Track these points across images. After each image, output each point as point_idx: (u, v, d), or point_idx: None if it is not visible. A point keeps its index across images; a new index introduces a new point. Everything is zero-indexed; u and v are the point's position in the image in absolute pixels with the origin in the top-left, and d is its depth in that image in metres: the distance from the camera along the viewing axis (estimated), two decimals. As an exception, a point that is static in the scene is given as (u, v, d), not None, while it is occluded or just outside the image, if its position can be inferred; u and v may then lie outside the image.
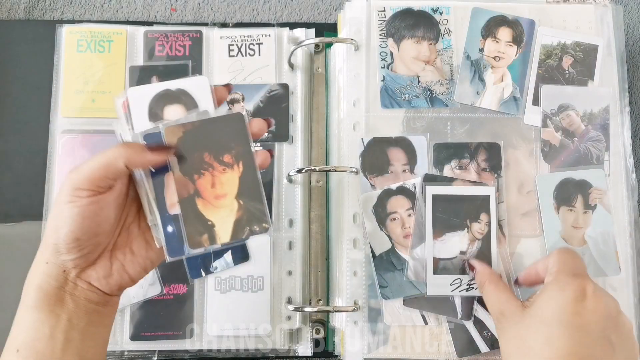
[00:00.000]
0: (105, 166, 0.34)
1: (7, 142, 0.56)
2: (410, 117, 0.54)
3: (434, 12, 0.56)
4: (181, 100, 0.39)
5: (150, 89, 0.39)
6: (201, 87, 0.39)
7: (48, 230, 0.35)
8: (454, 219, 0.51)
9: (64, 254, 0.34)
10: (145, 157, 0.36)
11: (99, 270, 0.36)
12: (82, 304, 0.35)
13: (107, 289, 0.36)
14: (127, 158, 0.35)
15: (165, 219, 0.37)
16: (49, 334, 0.34)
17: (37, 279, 0.35)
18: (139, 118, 0.39)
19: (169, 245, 0.37)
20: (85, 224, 0.34)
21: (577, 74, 0.56)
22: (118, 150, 0.35)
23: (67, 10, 0.62)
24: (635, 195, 0.54)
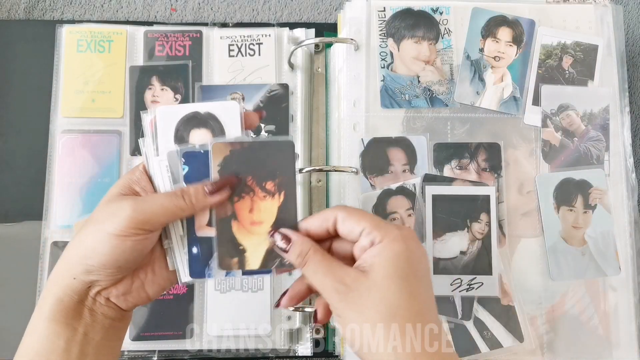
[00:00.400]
0: (170, 215, 0.35)
1: (7, 142, 0.56)
2: (410, 117, 0.54)
3: (434, 12, 0.56)
4: (209, 125, 0.38)
5: (179, 110, 0.38)
6: (231, 112, 0.39)
7: (83, 250, 0.35)
8: (454, 219, 0.51)
9: (96, 275, 0.35)
10: (207, 202, 0.36)
11: (119, 288, 0.36)
12: (99, 319, 0.36)
13: (124, 306, 0.37)
14: (192, 209, 0.36)
15: (192, 240, 0.37)
16: (64, 347, 0.34)
17: (59, 291, 0.35)
18: (164, 138, 0.38)
19: (191, 266, 0.37)
20: (131, 257, 0.35)
21: (577, 74, 0.56)
22: (182, 200, 0.36)
23: (67, 10, 0.62)
24: (635, 195, 0.54)
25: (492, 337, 0.50)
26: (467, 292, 0.50)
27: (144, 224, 0.34)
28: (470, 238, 0.51)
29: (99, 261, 0.34)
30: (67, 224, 0.54)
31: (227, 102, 0.39)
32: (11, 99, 0.57)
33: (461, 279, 0.50)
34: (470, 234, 0.52)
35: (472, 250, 0.51)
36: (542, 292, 0.52)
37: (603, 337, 0.52)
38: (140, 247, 0.35)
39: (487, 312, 0.51)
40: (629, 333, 0.52)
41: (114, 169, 0.55)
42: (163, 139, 0.38)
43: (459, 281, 0.50)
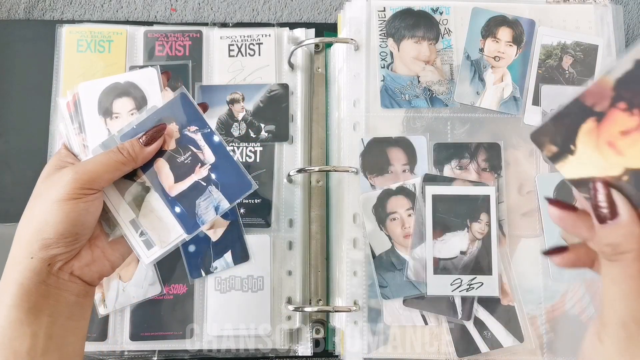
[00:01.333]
0: (113, 170, 0.36)
1: (7, 142, 0.56)
2: (410, 117, 0.54)
3: (434, 12, 0.56)
4: (130, 93, 0.41)
5: (100, 84, 0.41)
6: (150, 79, 0.41)
7: (35, 226, 0.35)
8: (454, 219, 0.51)
9: (55, 248, 0.34)
10: (145, 152, 0.38)
11: (81, 260, 0.36)
12: (64, 297, 0.35)
13: (89, 278, 0.37)
14: (133, 160, 0.37)
15: (170, 202, 0.39)
16: (29, 332, 0.33)
17: (17, 275, 0.34)
18: (89, 113, 0.40)
19: (183, 224, 0.39)
20: (86, 220, 0.35)
21: (577, 74, 0.56)
22: (121, 155, 0.37)
23: (67, 10, 0.62)
24: (635, 195, 0.54)
25: (492, 337, 0.50)
26: (467, 292, 0.50)
27: (89, 182, 0.35)
28: (470, 238, 0.51)
29: (56, 231, 0.34)
30: (67, 224, 0.54)
31: (145, 69, 0.41)
32: (11, 99, 0.57)
33: (461, 279, 0.50)
34: (471, 234, 0.51)
35: (472, 250, 0.51)
36: (542, 292, 0.52)
37: (603, 337, 0.52)
38: (93, 208, 0.36)
39: (487, 312, 0.51)
40: (629, 333, 0.52)
41: (114, 169, 0.55)
42: (88, 114, 0.40)
43: (459, 281, 0.50)
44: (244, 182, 0.39)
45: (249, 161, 0.55)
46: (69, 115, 0.41)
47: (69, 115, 0.41)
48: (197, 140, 0.39)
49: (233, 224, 0.53)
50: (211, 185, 0.39)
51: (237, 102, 0.56)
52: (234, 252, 0.53)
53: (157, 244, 0.39)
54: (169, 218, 0.39)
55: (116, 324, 0.52)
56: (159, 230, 0.39)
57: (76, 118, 0.41)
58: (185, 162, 0.39)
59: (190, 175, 0.39)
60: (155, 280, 0.53)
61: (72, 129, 0.40)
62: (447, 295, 0.51)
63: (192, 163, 0.39)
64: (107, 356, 0.52)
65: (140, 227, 0.39)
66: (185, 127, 0.40)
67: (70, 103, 0.41)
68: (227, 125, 0.56)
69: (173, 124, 0.39)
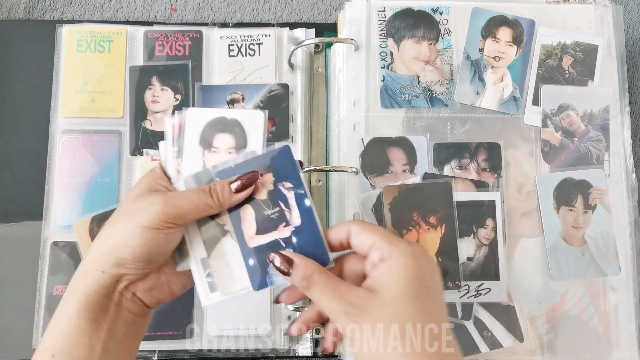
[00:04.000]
0: (199, 210, 0.36)
1: (7, 142, 0.56)
2: (410, 117, 0.54)
3: (434, 12, 0.56)
4: (233, 130, 0.40)
5: (208, 113, 0.40)
6: (256, 121, 0.40)
7: (114, 243, 0.35)
8: (460, 225, 0.51)
9: (126, 268, 0.35)
10: (233, 199, 0.37)
11: (146, 283, 0.37)
12: (124, 315, 0.36)
13: (149, 302, 0.37)
14: (220, 206, 0.37)
15: (245, 252, 0.38)
16: (88, 343, 0.34)
17: (85, 286, 0.35)
18: (190, 140, 0.40)
19: (252, 278, 0.38)
20: (162, 249, 0.36)
21: (577, 74, 0.56)
22: (211, 198, 0.37)
23: (67, 10, 0.62)
24: (635, 195, 0.54)
25: (492, 337, 0.50)
26: (475, 298, 0.50)
27: (175, 218, 0.35)
28: (476, 244, 0.51)
29: (131, 253, 0.35)
30: (67, 224, 0.54)
31: (254, 111, 0.41)
32: (11, 99, 0.57)
33: (469, 285, 0.50)
34: (477, 239, 0.51)
35: (478, 256, 0.51)
36: (542, 292, 0.52)
37: (603, 337, 0.52)
38: (171, 240, 0.36)
39: (487, 312, 0.51)
40: (629, 333, 0.52)
41: (114, 169, 0.55)
42: (189, 141, 0.40)
43: (466, 287, 0.50)
44: (323, 256, 0.37)
45: (249, 161, 0.55)
46: (172, 138, 0.40)
47: (172, 137, 0.40)
48: (288, 198, 0.38)
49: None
50: (290, 248, 0.37)
51: (237, 102, 0.56)
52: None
53: (220, 290, 0.38)
54: (239, 268, 0.38)
55: (116, 324, 0.52)
56: (225, 277, 0.38)
57: (177, 142, 0.40)
58: (271, 217, 0.38)
59: (272, 232, 0.38)
60: (155, 280, 0.53)
61: (171, 151, 0.40)
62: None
63: (277, 220, 0.38)
64: (107, 356, 0.52)
65: (209, 268, 0.38)
66: (280, 181, 0.38)
67: (176, 125, 0.40)
68: (227, 125, 0.56)
69: (270, 175, 0.38)
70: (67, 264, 0.53)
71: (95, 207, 0.54)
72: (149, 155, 0.55)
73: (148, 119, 0.56)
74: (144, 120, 0.56)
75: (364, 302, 0.33)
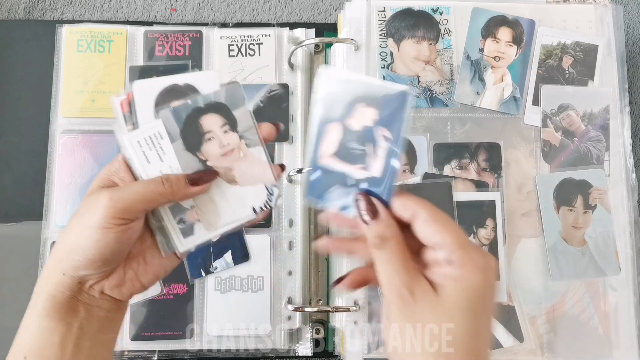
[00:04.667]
0: (149, 201, 0.35)
1: (7, 142, 0.56)
2: (410, 117, 0.54)
3: (434, 12, 0.56)
4: (189, 96, 0.37)
5: (157, 83, 0.38)
6: (210, 82, 0.38)
7: (69, 245, 0.34)
8: (460, 225, 0.51)
9: (84, 270, 0.34)
10: (188, 192, 0.36)
11: (112, 280, 0.36)
12: (94, 312, 0.35)
13: (119, 297, 0.37)
14: (172, 196, 0.35)
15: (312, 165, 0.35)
16: (59, 342, 0.33)
17: (50, 288, 0.34)
18: (143, 114, 0.37)
19: (312, 188, 0.35)
20: (116, 248, 0.34)
21: (577, 74, 0.56)
22: (162, 186, 0.35)
23: (67, 10, 0.62)
24: (635, 195, 0.54)
25: (492, 337, 0.50)
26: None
27: (123, 212, 0.33)
28: (477, 244, 0.51)
29: (85, 256, 0.33)
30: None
31: (206, 72, 0.38)
32: (11, 99, 0.57)
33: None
34: (477, 239, 0.51)
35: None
36: (542, 292, 0.52)
37: (603, 337, 0.52)
38: (125, 237, 0.34)
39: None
40: (629, 333, 0.52)
41: (114, 169, 0.55)
42: (142, 115, 0.37)
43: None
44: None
45: (249, 161, 0.55)
46: (123, 116, 0.37)
47: (123, 115, 0.37)
48: (379, 146, 0.34)
49: (233, 224, 0.53)
50: (357, 188, 0.35)
51: (237, 102, 0.56)
52: (234, 252, 0.53)
53: (205, 227, 0.37)
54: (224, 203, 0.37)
55: (116, 324, 0.52)
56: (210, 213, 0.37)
57: (130, 120, 0.37)
58: (353, 150, 0.34)
59: (347, 164, 0.35)
60: (155, 280, 0.53)
61: (126, 129, 0.37)
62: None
63: (358, 157, 0.34)
64: (107, 356, 0.52)
65: (183, 213, 0.36)
66: (381, 124, 0.34)
67: (124, 103, 0.37)
68: (227, 125, 0.55)
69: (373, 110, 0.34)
70: (67, 264, 0.53)
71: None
72: (149, 155, 0.55)
73: (148, 119, 0.56)
74: (144, 120, 0.56)
75: (423, 296, 0.31)
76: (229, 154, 0.37)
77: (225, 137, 0.37)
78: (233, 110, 0.37)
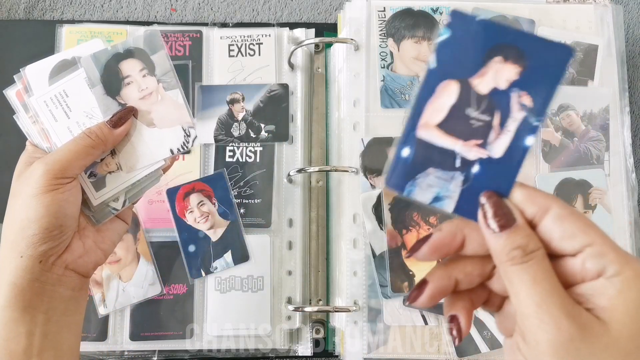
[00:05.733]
0: (83, 156, 0.36)
1: (7, 142, 0.56)
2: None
3: (434, 12, 0.56)
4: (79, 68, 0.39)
5: (46, 63, 0.39)
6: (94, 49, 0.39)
7: (18, 224, 0.34)
8: None
9: (42, 244, 0.34)
10: (115, 134, 0.37)
11: (73, 252, 0.36)
12: (58, 293, 0.35)
13: (84, 270, 0.37)
14: (103, 145, 0.36)
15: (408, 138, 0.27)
16: (25, 331, 0.33)
17: (9, 275, 0.33)
18: (42, 96, 0.39)
19: (395, 170, 0.27)
20: (68, 209, 0.35)
21: (577, 74, 0.56)
22: (89, 139, 0.36)
23: (67, 10, 0.62)
24: (635, 195, 0.54)
25: (492, 337, 0.50)
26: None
27: (61, 172, 0.34)
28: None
29: (39, 226, 0.33)
30: (67, 224, 0.53)
31: (91, 42, 0.40)
32: (11, 99, 0.57)
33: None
34: None
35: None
36: (542, 292, 0.52)
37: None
38: (72, 198, 0.35)
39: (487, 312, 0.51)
40: (629, 333, 0.52)
41: (114, 169, 0.55)
42: (41, 96, 0.39)
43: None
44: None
45: (249, 161, 0.55)
46: (22, 105, 0.39)
47: (22, 105, 0.39)
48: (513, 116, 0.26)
49: (233, 223, 0.54)
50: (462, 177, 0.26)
51: (237, 102, 0.56)
52: (234, 252, 0.53)
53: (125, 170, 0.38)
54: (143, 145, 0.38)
55: (116, 324, 0.52)
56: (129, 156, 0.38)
57: (29, 108, 0.39)
58: (471, 121, 0.26)
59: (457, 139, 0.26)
60: (155, 280, 0.53)
61: (28, 119, 0.39)
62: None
63: (475, 131, 0.26)
64: (107, 356, 0.52)
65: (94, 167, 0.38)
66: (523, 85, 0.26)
67: (21, 91, 0.39)
68: (227, 125, 0.56)
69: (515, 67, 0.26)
70: (67, 264, 0.53)
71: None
72: (149, 155, 0.55)
73: (148, 119, 0.56)
74: (144, 120, 0.56)
75: (591, 328, 0.23)
76: (148, 97, 0.39)
77: (143, 81, 0.39)
78: (151, 55, 0.39)
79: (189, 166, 0.55)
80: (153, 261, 0.53)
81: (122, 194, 0.39)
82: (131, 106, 0.38)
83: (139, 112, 0.38)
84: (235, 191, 0.54)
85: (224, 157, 0.55)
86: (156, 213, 0.54)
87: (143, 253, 0.53)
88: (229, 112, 0.56)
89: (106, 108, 0.38)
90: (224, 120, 0.56)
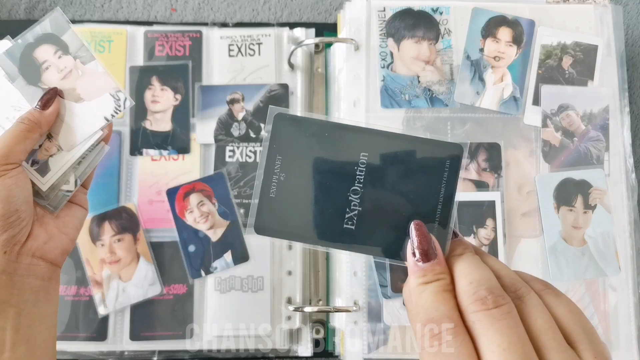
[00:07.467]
0: (23, 140, 0.36)
1: None
2: (410, 117, 0.54)
3: (434, 12, 0.56)
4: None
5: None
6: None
7: None
8: (460, 225, 0.51)
9: (3, 233, 0.34)
10: (46, 116, 0.37)
11: (37, 239, 0.36)
12: (28, 284, 0.35)
13: (52, 256, 0.36)
14: (39, 127, 0.37)
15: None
16: None
17: None
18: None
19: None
20: (21, 194, 0.35)
21: (577, 74, 0.56)
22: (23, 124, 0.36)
23: (67, 10, 0.62)
24: (635, 195, 0.54)
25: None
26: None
27: (4, 158, 0.35)
28: (477, 244, 0.51)
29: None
30: (67, 224, 0.53)
31: (1, 42, 0.40)
32: (11, 99, 0.57)
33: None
34: (477, 240, 0.51)
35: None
36: (542, 292, 0.52)
37: (603, 337, 0.52)
38: (21, 182, 0.35)
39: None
40: (629, 333, 0.52)
41: (114, 169, 0.55)
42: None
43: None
44: None
45: (248, 161, 0.55)
46: None
47: None
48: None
49: (233, 224, 0.54)
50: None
51: (237, 102, 0.56)
52: (233, 252, 0.53)
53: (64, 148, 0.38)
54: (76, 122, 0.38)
55: (116, 324, 0.52)
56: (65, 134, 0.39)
57: None
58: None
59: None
60: (155, 280, 0.53)
61: None
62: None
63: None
64: (107, 356, 0.52)
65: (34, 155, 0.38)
66: None
67: None
68: (227, 125, 0.56)
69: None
70: (67, 263, 0.53)
71: (95, 207, 0.54)
72: (148, 155, 0.55)
73: (148, 119, 0.56)
74: (143, 120, 0.56)
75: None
76: (69, 76, 0.39)
77: (60, 62, 0.40)
78: (61, 36, 0.40)
79: (189, 166, 0.55)
80: (153, 261, 0.53)
81: (70, 174, 0.39)
82: (54, 87, 0.39)
83: (64, 91, 0.39)
84: (235, 191, 0.54)
85: (224, 157, 0.55)
86: (156, 213, 0.54)
87: (143, 253, 0.53)
88: (229, 112, 0.56)
89: (32, 97, 0.38)
90: (224, 120, 0.56)
